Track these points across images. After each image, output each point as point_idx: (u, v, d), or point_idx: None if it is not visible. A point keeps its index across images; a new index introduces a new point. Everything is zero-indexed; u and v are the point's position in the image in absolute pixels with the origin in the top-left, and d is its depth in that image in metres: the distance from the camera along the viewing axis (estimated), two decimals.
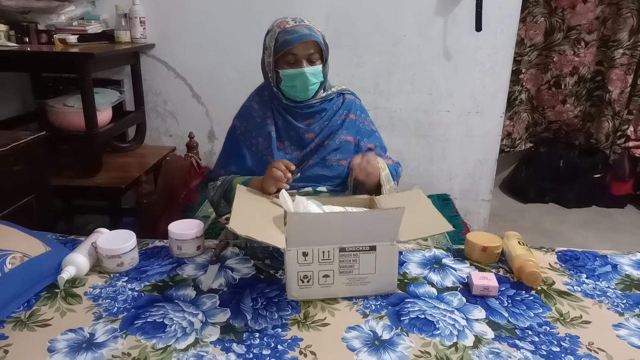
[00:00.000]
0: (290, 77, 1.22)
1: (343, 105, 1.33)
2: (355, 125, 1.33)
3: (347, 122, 1.31)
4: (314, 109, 1.29)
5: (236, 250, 1.10)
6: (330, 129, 1.30)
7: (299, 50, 1.20)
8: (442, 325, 0.85)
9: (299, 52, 1.20)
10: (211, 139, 2.33)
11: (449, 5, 2.10)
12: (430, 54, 2.17)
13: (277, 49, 1.20)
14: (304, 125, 1.29)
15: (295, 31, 1.19)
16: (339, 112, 1.31)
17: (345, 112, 1.32)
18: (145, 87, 2.22)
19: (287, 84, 1.24)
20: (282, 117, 1.29)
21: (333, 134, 1.29)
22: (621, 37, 2.66)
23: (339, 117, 1.31)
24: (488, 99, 2.23)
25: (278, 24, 1.23)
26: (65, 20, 1.95)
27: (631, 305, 0.93)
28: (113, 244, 0.99)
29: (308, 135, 1.29)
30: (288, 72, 1.22)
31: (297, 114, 1.29)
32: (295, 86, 1.23)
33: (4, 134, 1.44)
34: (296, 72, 1.21)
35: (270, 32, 1.24)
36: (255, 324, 0.84)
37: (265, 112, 1.31)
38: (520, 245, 1.06)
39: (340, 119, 1.31)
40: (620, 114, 2.81)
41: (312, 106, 1.29)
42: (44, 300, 0.90)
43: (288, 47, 1.19)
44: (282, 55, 1.21)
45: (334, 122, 1.30)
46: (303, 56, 1.21)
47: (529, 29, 2.75)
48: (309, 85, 1.23)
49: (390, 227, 0.90)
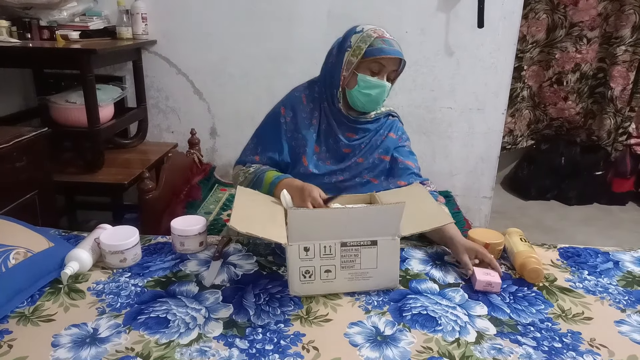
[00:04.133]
0: (370, 84, 1.18)
1: (385, 126, 1.30)
2: (394, 143, 1.29)
3: (386, 141, 1.28)
4: (361, 125, 1.26)
5: (239, 246, 1.10)
6: (368, 147, 1.26)
7: (389, 63, 1.18)
8: (444, 321, 0.85)
9: (388, 64, 1.18)
10: (213, 136, 2.33)
11: (451, 2, 2.10)
12: (432, 51, 2.17)
13: (369, 53, 1.16)
14: (345, 138, 1.24)
15: (391, 44, 1.17)
16: (380, 132, 1.28)
17: (387, 132, 1.29)
18: (147, 84, 2.22)
19: (362, 89, 1.19)
20: (327, 121, 1.25)
21: (369, 153, 1.26)
22: (623, 34, 2.66)
23: (380, 137, 1.28)
24: (490, 95, 2.22)
25: (373, 29, 1.19)
26: (67, 17, 1.95)
27: (633, 302, 0.94)
28: (116, 239, 1.00)
29: (346, 150, 1.25)
30: (370, 80, 1.18)
31: (343, 124, 1.25)
32: (369, 95, 1.19)
33: (7, 130, 1.44)
34: (378, 82, 1.18)
35: (360, 33, 1.19)
36: (258, 320, 0.85)
37: (313, 110, 1.26)
38: (522, 241, 1.06)
39: (381, 139, 1.28)
40: (622, 111, 2.80)
41: (361, 121, 1.25)
42: (48, 295, 0.90)
43: (382, 55, 1.16)
44: (369, 60, 1.17)
45: (374, 142, 1.27)
46: (388, 70, 1.19)
47: (531, 26, 2.75)
48: (381, 99, 1.21)
49: (392, 222, 0.90)
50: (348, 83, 1.20)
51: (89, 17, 2.02)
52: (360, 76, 1.18)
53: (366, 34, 1.18)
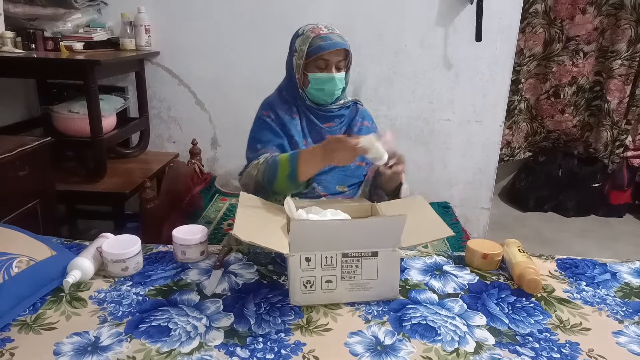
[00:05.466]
0: (320, 80, 1.28)
1: (358, 114, 1.41)
2: (370, 132, 1.39)
3: (362, 128, 1.39)
4: (334, 113, 1.36)
5: (239, 255, 1.11)
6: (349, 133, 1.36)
7: (331, 56, 1.26)
8: (444, 331, 0.86)
9: (331, 58, 1.26)
10: (214, 146, 2.35)
11: (450, 16, 2.13)
12: (431, 64, 2.20)
13: (310, 53, 1.26)
14: (324, 127, 1.35)
15: (329, 38, 1.26)
16: (356, 119, 1.39)
17: (360, 119, 1.40)
18: (150, 94, 2.25)
19: (315, 87, 1.29)
20: (305, 116, 1.35)
21: None
22: (619, 47, 2.70)
23: (356, 123, 1.39)
24: (488, 108, 2.25)
25: (311, 29, 1.28)
26: (71, 28, 1.98)
27: (630, 313, 0.94)
28: (118, 248, 1.00)
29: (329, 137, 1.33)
30: (318, 76, 1.27)
31: (319, 116, 1.35)
32: (323, 90, 1.29)
33: (10, 139, 1.46)
34: (326, 76, 1.27)
35: (301, 35, 1.29)
36: (258, 329, 0.85)
37: (291, 108, 1.34)
38: (521, 252, 1.07)
39: (357, 126, 1.38)
40: (619, 124, 2.83)
41: (332, 110, 1.35)
42: (50, 303, 0.91)
43: (321, 52, 1.25)
44: (313, 59, 1.26)
45: (352, 128, 1.38)
46: (333, 62, 1.27)
47: (528, 40, 2.79)
48: (335, 90, 1.30)
49: (392, 234, 0.91)
50: (303, 83, 1.30)
51: (93, 28, 2.05)
52: (310, 75, 1.28)
53: (305, 35, 1.28)
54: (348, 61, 1.32)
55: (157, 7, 2.13)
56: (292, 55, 1.31)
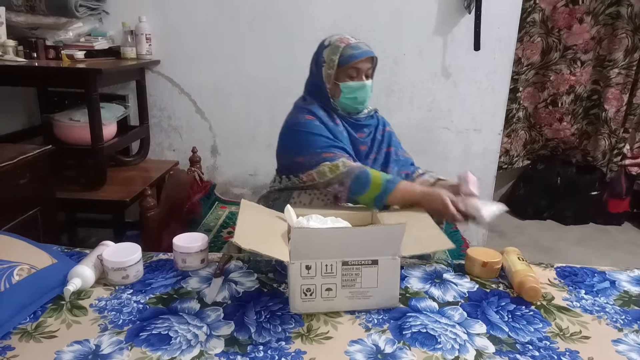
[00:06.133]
0: (353, 89, 1.30)
1: (380, 122, 1.44)
2: (391, 136, 1.44)
3: (386, 135, 1.43)
4: (363, 122, 1.38)
5: (240, 263, 1.11)
6: (377, 142, 1.40)
7: (362, 64, 1.29)
8: (444, 340, 0.86)
9: (362, 66, 1.29)
10: (214, 154, 2.36)
11: (448, 25, 2.16)
12: (430, 73, 2.22)
13: (342, 62, 1.28)
14: (357, 137, 1.37)
15: (359, 47, 1.29)
16: (379, 128, 1.43)
17: (382, 127, 1.44)
18: (150, 103, 2.26)
19: (347, 95, 1.31)
20: (343, 126, 1.36)
21: (379, 148, 1.40)
22: (616, 57, 2.72)
23: (380, 132, 1.42)
24: (486, 116, 2.26)
25: (338, 39, 1.31)
26: (72, 37, 1.99)
27: (630, 321, 0.95)
28: (119, 256, 1.01)
29: (362, 147, 1.37)
30: (350, 85, 1.30)
31: (352, 125, 1.36)
32: (355, 97, 1.31)
33: (11, 148, 1.46)
34: (358, 84, 1.30)
35: (329, 46, 1.31)
36: (259, 337, 0.85)
37: (331, 115, 1.34)
38: (520, 260, 1.07)
39: (381, 133, 1.42)
40: (617, 132, 2.85)
41: (360, 120, 1.38)
42: (50, 311, 0.91)
43: (353, 61, 1.27)
44: (344, 68, 1.28)
45: (378, 137, 1.41)
46: (364, 70, 1.30)
47: (526, 49, 2.81)
48: (367, 97, 1.34)
49: (392, 242, 0.92)
50: (334, 93, 1.31)
51: (94, 37, 2.06)
52: (342, 84, 1.30)
53: (334, 45, 1.30)
54: (374, 68, 1.36)
55: (158, 16, 2.15)
56: (320, 66, 1.32)
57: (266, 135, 2.31)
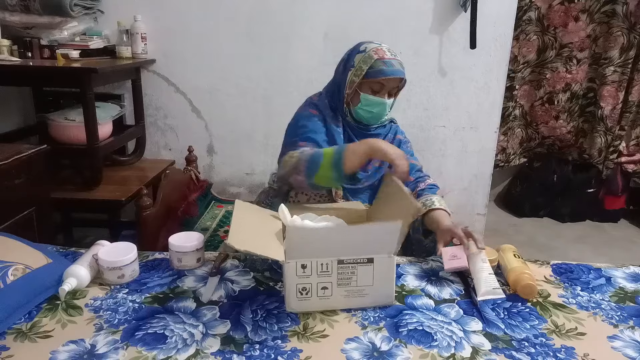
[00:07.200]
0: (371, 103, 1.25)
1: (391, 130, 1.39)
2: (401, 144, 1.38)
3: (395, 142, 1.37)
4: (371, 132, 1.33)
5: (236, 262, 1.11)
6: None
7: (389, 82, 1.24)
8: (440, 337, 0.86)
9: (388, 84, 1.24)
10: (210, 153, 2.36)
11: (444, 24, 2.16)
12: (426, 71, 2.22)
13: (370, 74, 1.22)
14: None
15: (392, 64, 1.23)
16: (388, 136, 1.37)
17: (392, 135, 1.38)
18: (146, 102, 2.25)
19: (364, 107, 1.26)
20: (344, 130, 1.32)
21: None
22: (612, 54, 2.73)
23: (389, 140, 1.36)
24: (483, 114, 2.27)
25: (375, 49, 1.24)
26: (67, 36, 1.98)
27: (625, 318, 0.95)
28: (114, 256, 1.00)
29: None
30: (370, 99, 1.24)
31: (357, 133, 1.32)
32: (372, 112, 1.27)
33: (6, 147, 1.45)
34: (378, 100, 1.25)
35: (363, 53, 1.25)
36: (255, 336, 0.85)
37: (337, 117, 1.31)
38: (516, 258, 1.07)
39: (390, 140, 1.36)
40: (613, 130, 2.86)
41: (369, 129, 1.33)
42: (45, 311, 0.90)
43: (382, 77, 1.22)
44: (370, 80, 1.23)
45: None
46: (388, 88, 1.25)
47: (522, 47, 2.82)
48: (383, 115, 1.29)
49: (388, 240, 0.91)
50: (352, 99, 1.27)
51: (89, 36, 2.05)
52: (363, 95, 1.24)
53: (368, 55, 1.24)
54: (401, 88, 1.31)
55: (153, 15, 2.14)
56: (347, 69, 1.26)
57: (262, 134, 2.31)
